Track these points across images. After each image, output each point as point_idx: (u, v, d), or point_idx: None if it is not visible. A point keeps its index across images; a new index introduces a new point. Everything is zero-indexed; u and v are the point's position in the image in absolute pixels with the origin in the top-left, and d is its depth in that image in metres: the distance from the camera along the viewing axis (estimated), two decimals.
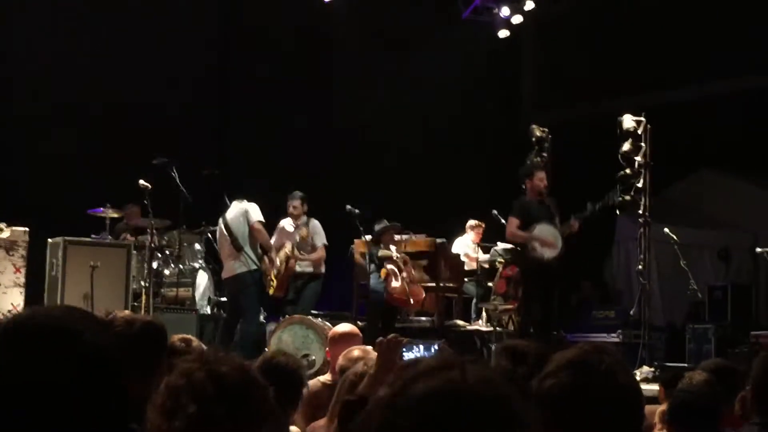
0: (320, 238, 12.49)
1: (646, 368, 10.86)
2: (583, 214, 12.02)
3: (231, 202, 12.22)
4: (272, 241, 12.40)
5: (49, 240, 11.89)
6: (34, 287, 11.83)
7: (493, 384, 1.59)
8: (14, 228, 11.64)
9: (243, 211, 12.00)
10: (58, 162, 14.43)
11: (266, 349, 10.94)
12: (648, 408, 3.98)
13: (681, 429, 4.69)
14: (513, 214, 11.95)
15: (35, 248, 11.88)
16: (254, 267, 11.91)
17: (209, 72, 16.76)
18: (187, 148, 14.37)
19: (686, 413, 4.62)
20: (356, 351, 5.68)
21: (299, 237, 12.30)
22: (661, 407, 5.78)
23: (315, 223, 12.53)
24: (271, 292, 12.11)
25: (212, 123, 16.55)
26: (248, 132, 16.40)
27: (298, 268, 12.27)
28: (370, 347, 5.15)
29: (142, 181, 12.13)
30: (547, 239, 11.66)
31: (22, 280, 11.64)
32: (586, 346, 2.75)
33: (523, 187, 12.00)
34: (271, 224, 12.42)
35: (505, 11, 16.46)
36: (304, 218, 12.56)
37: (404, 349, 4.66)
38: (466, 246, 14.85)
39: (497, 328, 12.87)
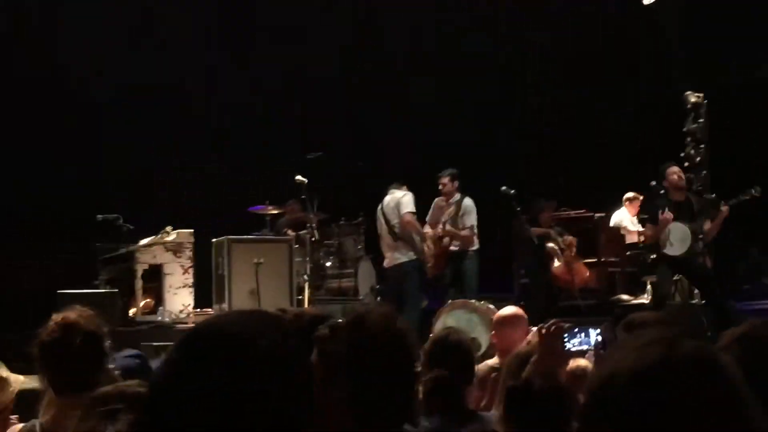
0: (470, 219, 12.25)
1: None
2: (737, 200, 11.74)
3: (388, 191, 12.28)
4: (428, 218, 12.41)
5: (214, 240, 12.18)
6: (202, 287, 12.14)
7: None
8: (180, 230, 11.96)
9: (396, 202, 12.07)
10: (217, 163, 14.79)
11: (431, 336, 10.99)
12: None
13: None
14: (647, 219, 12.01)
15: (199, 249, 12.20)
16: (414, 256, 11.98)
17: (351, 62, 16.80)
18: (339, 141, 14.53)
19: None
20: None
21: (448, 215, 12.20)
22: None
23: (467, 203, 12.31)
24: (428, 273, 12.14)
25: (361, 114, 16.62)
26: (395, 118, 16.42)
27: (453, 247, 12.18)
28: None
29: (298, 177, 12.31)
30: (673, 237, 11.49)
31: (191, 280, 11.94)
32: (757, 321, 2.69)
33: (664, 186, 11.82)
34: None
35: None
36: (457, 196, 12.35)
37: (566, 335, 4.62)
38: (624, 219, 14.60)
39: None
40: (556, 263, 12.37)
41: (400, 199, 12.07)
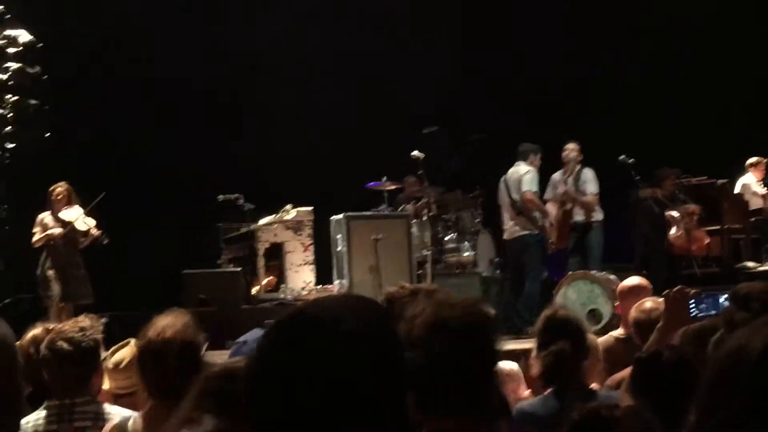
0: (591, 186, 12.16)
1: None
2: None
3: (515, 163, 12.21)
4: (546, 195, 12.35)
5: (332, 217, 12.29)
6: (322, 264, 12.28)
7: None
8: (300, 208, 12.10)
9: (519, 177, 12.00)
10: (333, 139, 14.91)
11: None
12: None
13: None
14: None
15: (319, 226, 12.32)
16: (535, 230, 11.92)
17: (471, 39, 16.72)
18: (454, 114, 14.49)
19: None
20: (648, 302, 5.59)
21: (567, 184, 12.09)
22: None
23: (586, 171, 12.23)
24: (551, 246, 12.07)
25: (473, 86, 16.53)
26: (511, 91, 16.28)
27: (576, 217, 12.10)
28: (662, 298, 5.05)
29: (415, 152, 12.34)
30: None
31: (311, 257, 12.09)
32: None
33: None
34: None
35: None
36: (577, 166, 12.32)
37: (692, 301, 4.56)
38: (752, 184, 14.27)
39: None
40: (674, 231, 12.18)
41: (523, 176, 11.98)
